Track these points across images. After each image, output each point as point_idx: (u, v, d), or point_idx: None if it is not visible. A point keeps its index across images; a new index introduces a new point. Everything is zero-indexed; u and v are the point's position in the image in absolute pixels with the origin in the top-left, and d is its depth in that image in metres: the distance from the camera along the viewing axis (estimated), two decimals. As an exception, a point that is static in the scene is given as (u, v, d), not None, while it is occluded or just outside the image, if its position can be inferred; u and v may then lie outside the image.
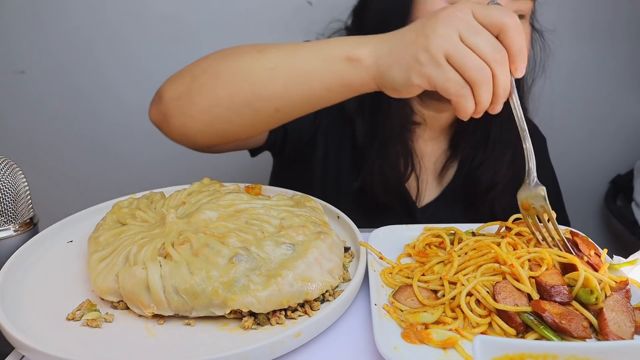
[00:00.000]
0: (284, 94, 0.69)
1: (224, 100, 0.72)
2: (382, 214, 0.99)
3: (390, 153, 0.94)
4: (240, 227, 0.64)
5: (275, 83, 0.69)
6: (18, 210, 0.69)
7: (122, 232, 0.67)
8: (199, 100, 0.73)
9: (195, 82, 0.73)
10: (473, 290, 0.59)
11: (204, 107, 0.73)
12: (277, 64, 0.69)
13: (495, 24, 0.59)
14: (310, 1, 1.36)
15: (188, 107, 0.74)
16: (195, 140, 0.79)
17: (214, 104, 0.72)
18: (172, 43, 1.41)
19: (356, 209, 0.98)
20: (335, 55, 0.66)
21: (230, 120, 0.74)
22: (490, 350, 0.41)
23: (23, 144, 1.51)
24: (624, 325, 0.55)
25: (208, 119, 0.74)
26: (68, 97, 1.47)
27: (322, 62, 0.67)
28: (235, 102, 0.71)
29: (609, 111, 1.56)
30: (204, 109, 0.73)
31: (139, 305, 0.58)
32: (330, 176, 1.02)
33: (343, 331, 0.59)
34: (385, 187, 0.95)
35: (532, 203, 0.64)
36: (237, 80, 0.71)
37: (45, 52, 1.41)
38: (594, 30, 1.45)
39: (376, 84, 0.66)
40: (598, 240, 0.71)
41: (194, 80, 0.74)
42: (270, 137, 0.96)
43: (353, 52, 0.65)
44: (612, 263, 0.66)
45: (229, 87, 0.71)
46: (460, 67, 0.59)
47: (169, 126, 0.78)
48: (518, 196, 0.66)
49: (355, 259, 0.70)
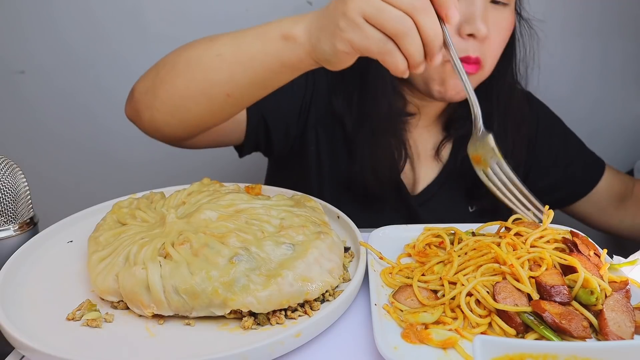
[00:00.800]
0: (231, 78, 0.72)
1: (181, 90, 0.76)
2: (380, 203, 0.99)
3: (383, 146, 0.94)
4: (240, 227, 0.64)
5: (222, 69, 0.72)
6: (18, 210, 0.69)
7: (122, 232, 0.67)
8: (160, 93, 0.77)
9: (158, 76, 0.78)
10: (473, 291, 0.59)
11: (165, 99, 0.77)
12: (223, 50, 0.72)
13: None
14: (310, 1, 1.36)
15: (152, 100, 0.79)
16: (163, 132, 0.83)
17: (173, 94, 0.76)
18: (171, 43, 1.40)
19: (354, 201, 0.99)
20: (272, 35, 0.68)
21: (189, 109, 0.77)
22: (490, 350, 0.41)
23: (23, 144, 1.50)
24: (624, 325, 0.55)
25: (170, 110, 0.78)
26: (68, 97, 1.47)
27: (261, 44, 0.69)
28: (191, 90, 0.75)
29: (609, 111, 1.56)
30: (165, 100, 0.77)
31: (139, 305, 0.58)
32: (324, 171, 1.01)
33: (343, 331, 0.59)
34: (380, 179, 0.95)
35: (483, 155, 0.62)
36: (190, 69, 0.75)
37: (45, 52, 1.41)
38: (595, 28, 1.44)
39: (313, 59, 0.66)
40: (598, 240, 0.71)
41: (157, 74, 0.78)
42: (250, 133, 0.96)
43: (289, 30, 0.66)
44: (612, 263, 0.66)
45: (184, 76, 0.75)
46: (380, 24, 0.57)
47: (141, 120, 0.83)
48: (468, 150, 0.64)
49: (355, 259, 0.70)
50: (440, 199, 1.02)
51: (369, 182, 0.95)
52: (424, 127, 1.02)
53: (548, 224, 0.68)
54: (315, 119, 1.00)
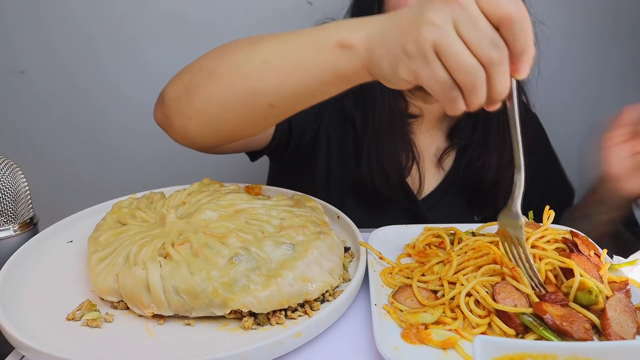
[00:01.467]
0: (278, 88, 0.66)
1: (219, 98, 0.69)
2: (386, 207, 0.99)
3: (390, 147, 0.94)
4: (240, 227, 0.64)
5: (268, 77, 0.65)
6: (18, 210, 0.69)
7: (122, 232, 0.67)
8: (196, 100, 0.71)
9: (193, 81, 0.71)
10: (472, 291, 0.59)
11: (201, 107, 0.71)
12: (270, 56, 0.65)
13: (498, 14, 0.50)
14: (311, 1, 1.36)
15: (186, 108, 0.72)
16: (195, 141, 0.77)
17: (210, 102, 0.70)
18: (172, 42, 1.41)
19: (360, 204, 0.98)
20: (327, 42, 0.61)
21: (226, 119, 0.71)
22: (490, 350, 0.41)
23: (23, 144, 1.50)
24: (626, 325, 0.55)
25: (205, 120, 0.72)
26: (68, 97, 1.46)
27: (314, 52, 0.62)
28: (230, 99, 0.69)
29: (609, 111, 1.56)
30: (200, 108, 0.71)
31: (139, 305, 0.58)
32: (334, 174, 1.01)
33: (343, 331, 0.59)
34: (387, 181, 0.95)
35: (510, 232, 0.60)
36: (231, 76, 0.68)
37: (45, 52, 1.41)
38: (596, 29, 1.44)
39: (369, 72, 0.60)
40: (598, 240, 0.71)
41: (192, 79, 0.72)
42: (275, 139, 0.94)
43: (347, 37, 0.59)
44: (612, 263, 0.66)
45: (223, 84, 0.69)
46: (450, 66, 0.51)
47: (172, 128, 0.77)
48: (498, 219, 0.61)
49: (355, 259, 0.70)
50: (446, 205, 1.02)
51: (377, 182, 0.95)
52: (427, 131, 1.02)
53: (549, 224, 0.68)
54: (327, 121, 0.99)
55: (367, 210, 0.99)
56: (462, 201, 1.02)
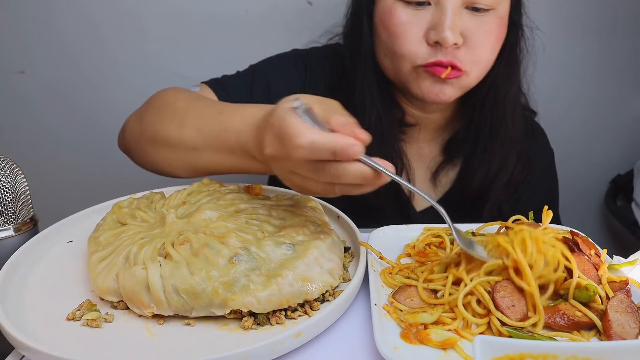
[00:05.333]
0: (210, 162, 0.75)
1: (163, 162, 0.81)
2: (379, 215, 0.99)
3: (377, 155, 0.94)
4: (240, 227, 0.64)
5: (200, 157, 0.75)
6: (18, 210, 0.69)
7: (122, 232, 0.67)
8: (143, 158, 0.85)
9: (142, 139, 0.83)
10: (474, 290, 0.59)
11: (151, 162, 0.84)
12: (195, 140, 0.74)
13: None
14: (311, 1, 1.36)
15: (137, 157, 0.87)
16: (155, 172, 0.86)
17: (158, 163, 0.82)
18: (171, 43, 1.41)
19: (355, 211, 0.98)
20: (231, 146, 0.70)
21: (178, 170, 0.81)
22: (490, 350, 0.41)
23: (23, 144, 1.50)
24: (628, 326, 0.55)
25: (154, 169, 0.85)
26: (68, 97, 1.46)
27: (221, 157, 0.73)
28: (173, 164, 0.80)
29: (609, 111, 1.56)
30: (151, 163, 0.84)
31: (139, 305, 0.58)
32: None
33: (343, 331, 0.59)
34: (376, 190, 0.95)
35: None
36: (168, 150, 0.78)
37: (45, 52, 1.41)
38: (595, 28, 1.44)
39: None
40: (598, 240, 0.71)
41: (141, 135, 0.83)
42: None
43: (245, 143, 0.67)
44: (612, 263, 0.66)
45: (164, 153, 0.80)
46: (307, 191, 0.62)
47: (132, 158, 0.90)
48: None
49: (355, 259, 0.70)
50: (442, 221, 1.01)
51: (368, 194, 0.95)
52: (425, 141, 1.02)
53: (547, 224, 0.68)
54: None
55: (364, 218, 0.98)
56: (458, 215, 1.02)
